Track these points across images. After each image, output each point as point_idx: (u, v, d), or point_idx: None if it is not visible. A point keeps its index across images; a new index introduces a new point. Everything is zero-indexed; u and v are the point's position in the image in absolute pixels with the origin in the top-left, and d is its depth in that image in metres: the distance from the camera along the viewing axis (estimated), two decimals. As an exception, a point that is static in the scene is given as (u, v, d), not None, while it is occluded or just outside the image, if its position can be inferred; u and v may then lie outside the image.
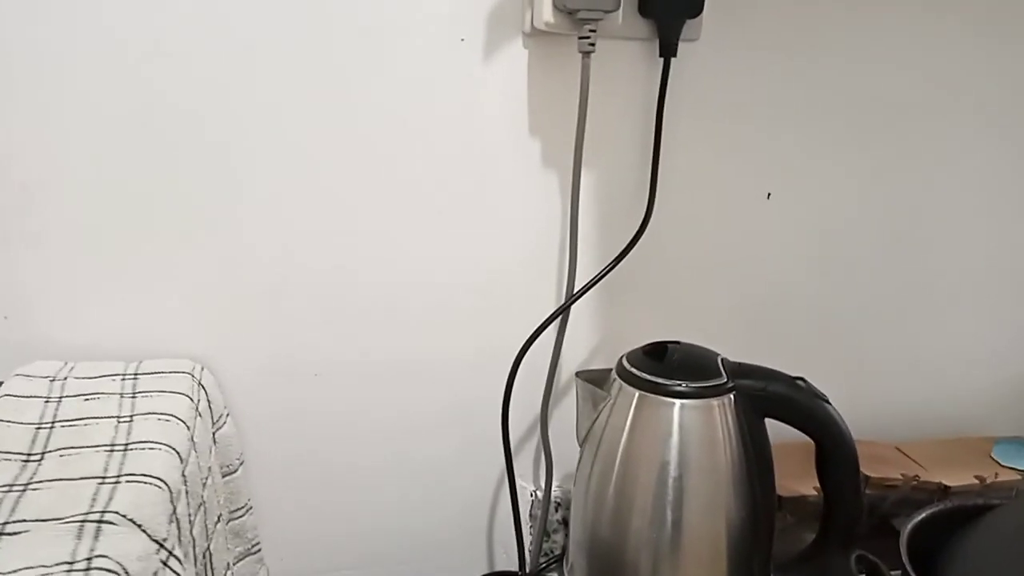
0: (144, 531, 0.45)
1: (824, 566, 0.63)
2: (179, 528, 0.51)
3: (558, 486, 0.79)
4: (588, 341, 0.76)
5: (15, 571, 0.40)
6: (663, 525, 0.62)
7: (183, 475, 0.53)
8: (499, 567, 0.82)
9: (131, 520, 0.45)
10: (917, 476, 0.74)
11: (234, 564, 0.73)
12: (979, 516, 0.66)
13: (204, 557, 0.60)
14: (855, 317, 0.82)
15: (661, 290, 0.76)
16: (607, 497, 0.64)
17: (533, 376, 0.75)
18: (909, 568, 0.60)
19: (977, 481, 0.75)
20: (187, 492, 0.54)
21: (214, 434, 0.67)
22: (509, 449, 0.74)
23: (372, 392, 0.74)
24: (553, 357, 0.74)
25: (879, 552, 0.63)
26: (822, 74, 0.74)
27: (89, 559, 0.42)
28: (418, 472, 0.78)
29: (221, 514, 0.65)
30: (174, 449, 0.53)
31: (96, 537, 0.43)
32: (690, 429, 0.62)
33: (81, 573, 0.41)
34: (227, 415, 0.69)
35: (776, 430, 0.64)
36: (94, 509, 0.45)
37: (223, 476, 0.69)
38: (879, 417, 0.84)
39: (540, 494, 0.79)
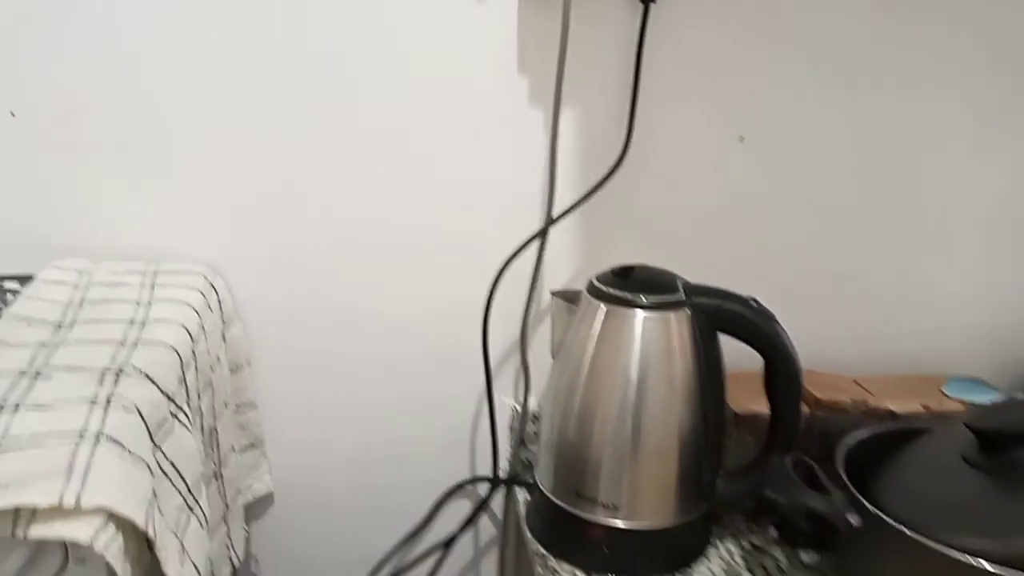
0: (156, 384, 0.53)
1: (767, 470, 0.70)
2: (187, 393, 0.58)
3: (536, 400, 0.86)
4: (566, 267, 0.83)
5: (48, 403, 0.48)
6: (624, 426, 0.69)
7: (192, 352, 0.61)
8: (480, 473, 0.89)
9: (145, 374, 0.53)
10: (865, 401, 0.80)
11: (241, 454, 0.81)
12: (913, 438, 0.72)
13: (211, 434, 0.68)
14: (823, 257, 0.87)
15: (635, 221, 0.82)
16: (575, 401, 0.71)
17: (516, 299, 0.82)
18: (843, 475, 0.66)
19: (923, 409, 0.80)
20: (196, 368, 0.62)
21: (223, 333, 0.74)
22: (488, 362, 0.82)
23: (368, 306, 0.82)
24: (532, 279, 0.81)
25: (828, 474, 0.69)
26: (797, 18, 0.78)
27: (109, 398, 0.49)
28: (407, 385, 0.85)
29: (227, 402, 0.73)
30: (185, 327, 0.61)
31: (115, 383, 0.51)
32: (650, 339, 0.68)
33: (103, 407, 0.48)
34: (236, 318, 0.77)
35: (737, 359, 0.71)
36: (114, 364, 0.53)
37: (232, 371, 0.77)
38: (842, 353, 0.89)
39: (519, 407, 0.86)
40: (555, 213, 0.78)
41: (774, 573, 0.72)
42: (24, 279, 0.67)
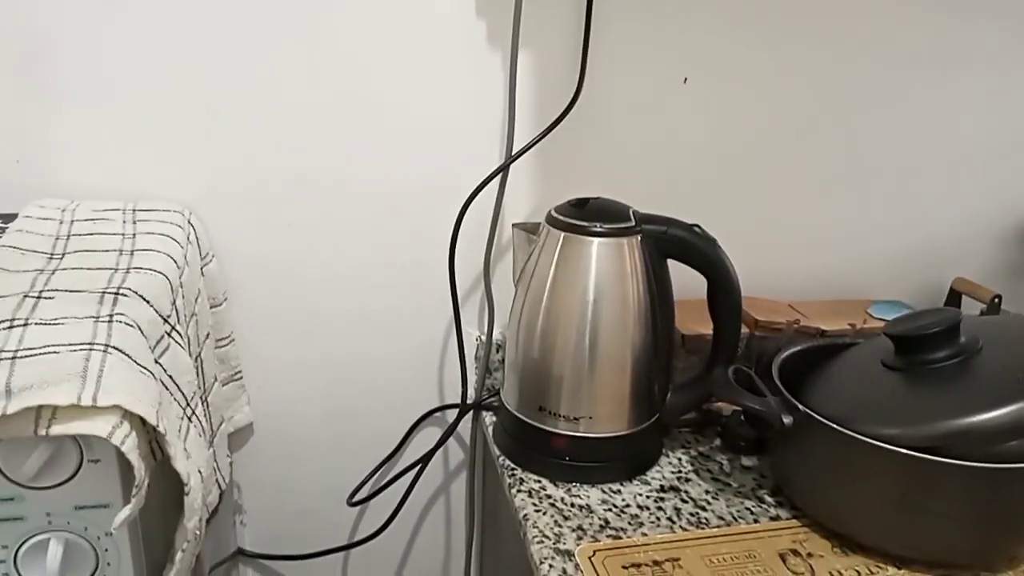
0: (151, 305, 0.57)
1: (712, 379, 0.77)
2: (178, 317, 0.62)
3: (500, 331, 0.92)
4: (526, 202, 0.88)
5: (55, 319, 0.52)
6: (582, 344, 0.75)
7: (180, 279, 0.65)
8: (448, 401, 0.95)
9: (141, 296, 0.57)
10: (798, 321, 0.88)
11: (222, 385, 0.85)
12: (840, 351, 0.80)
13: (197, 360, 0.72)
14: (759, 194, 0.94)
15: (591, 157, 0.88)
16: (537, 323, 0.77)
17: (479, 234, 0.88)
18: (778, 381, 0.74)
19: (849, 327, 0.89)
20: (183, 295, 0.66)
21: (202, 268, 0.78)
22: (455, 294, 0.87)
23: (337, 243, 0.86)
24: (495, 214, 0.86)
25: (765, 382, 0.76)
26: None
27: (111, 315, 0.53)
28: (379, 317, 0.90)
29: (209, 333, 0.77)
30: (171, 256, 0.64)
31: (115, 304, 0.55)
32: (605, 264, 0.75)
33: (106, 323, 0.52)
34: (212, 255, 0.81)
35: (681, 289, 0.78)
36: (111, 286, 0.57)
37: (211, 307, 0.80)
38: (779, 280, 0.97)
39: (484, 337, 0.92)
40: (515, 151, 0.84)
41: (718, 475, 0.80)
42: (8, 217, 0.69)
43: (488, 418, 0.89)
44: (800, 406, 0.69)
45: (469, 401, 0.92)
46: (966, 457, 0.62)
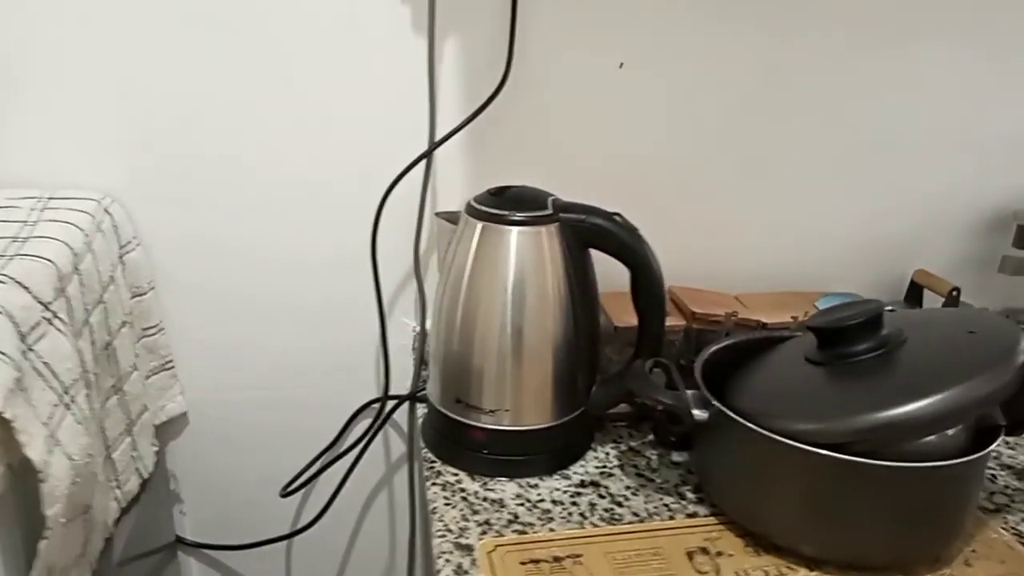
0: (29, 291, 0.57)
1: (629, 371, 0.75)
2: (69, 305, 0.62)
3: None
4: (458, 191, 0.86)
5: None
6: (500, 334, 0.74)
7: (75, 267, 0.65)
8: (392, 392, 0.94)
9: (18, 282, 0.56)
10: (736, 313, 0.85)
11: (150, 376, 0.85)
12: (773, 345, 0.77)
13: (106, 348, 0.72)
14: (702, 181, 0.91)
15: (524, 146, 0.86)
16: (456, 314, 0.75)
17: (411, 224, 0.86)
18: (698, 375, 0.72)
19: (791, 320, 0.86)
20: (81, 283, 0.65)
21: (122, 256, 0.78)
22: (378, 282, 0.86)
23: (267, 232, 0.85)
24: (421, 202, 0.85)
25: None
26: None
27: (-21, 302, 0.53)
28: (314, 307, 0.89)
29: (126, 322, 0.77)
30: (67, 243, 0.64)
31: (-12, 290, 0.55)
32: (523, 253, 0.73)
33: (-29, 310, 0.52)
34: (136, 243, 0.81)
35: (615, 278, 0.76)
36: (-10, 274, 0.57)
37: (133, 296, 0.80)
38: (732, 273, 0.94)
39: (419, 328, 0.91)
40: (440, 138, 0.82)
41: (643, 471, 0.78)
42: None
43: (421, 410, 0.88)
44: (713, 401, 0.67)
45: (392, 393, 0.91)
46: (884, 454, 0.60)
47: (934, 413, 0.58)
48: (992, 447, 0.61)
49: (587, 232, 0.74)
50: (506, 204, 0.74)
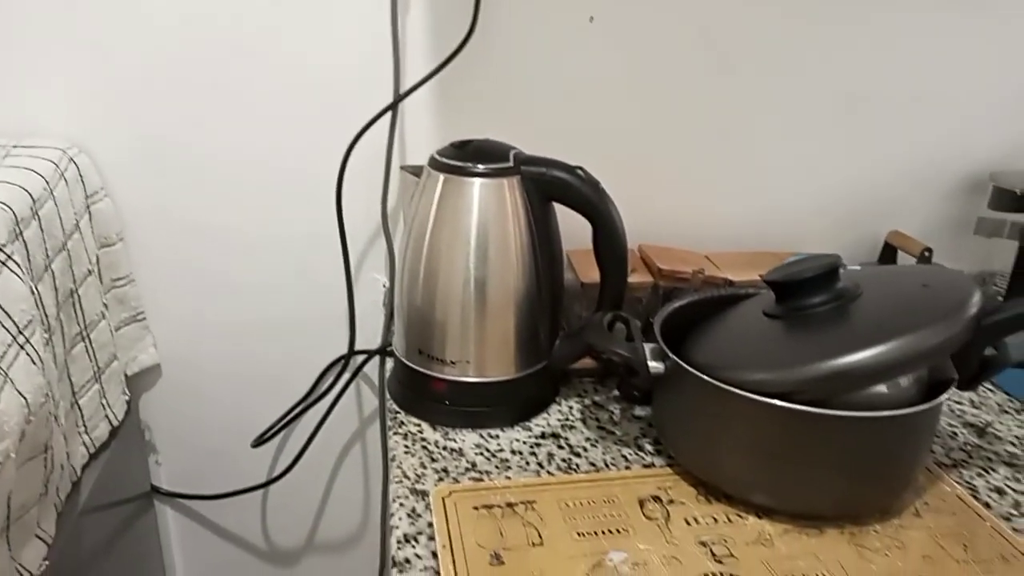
0: (-18, 233, 0.57)
1: (588, 324, 0.75)
2: (27, 249, 0.63)
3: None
4: (422, 147, 0.86)
5: None
6: (463, 286, 0.74)
7: (34, 212, 0.65)
8: (357, 346, 0.95)
9: (-29, 224, 0.57)
10: (703, 270, 0.85)
11: (121, 327, 0.86)
12: (736, 302, 0.78)
13: (71, 295, 0.73)
14: (673, 140, 0.91)
15: (493, 100, 0.86)
16: (420, 267, 0.76)
17: (378, 177, 0.86)
18: (657, 329, 0.72)
19: (759, 278, 0.85)
20: (42, 229, 0.66)
21: (89, 206, 0.78)
22: (344, 237, 0.86)
23: (237, 186, 0.86)
24: (387, 156, 0.85)
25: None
26: None
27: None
28: (282, 259, 0.90)
29: (92, 271, 0.78)
30: (25, 189, 0.65)
31: (-60, 231, 0.55)
32: (485, 206, 0.73)
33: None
34: (104, 194, 0.81)
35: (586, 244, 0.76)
36: (-57, 215, 0.57)
37: (101, 247, 0.81)
38: (704, 231, 0.94)
39: (388, 283, 0.91)
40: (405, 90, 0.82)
41: (605, 424, 0.78)
42: None
43: (391, 365, 0.89)
44: (669, 354, 0.68)
45: (364, 348, 0.92)
46: (834, 404, 0.60)
47: (882, 362, 0.59)
48: (941, 399, 0.61)
49: (549, 185, 0.74)
50: (469, 156, 0.74)
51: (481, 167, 0.72)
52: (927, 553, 0.61)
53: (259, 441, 0.89)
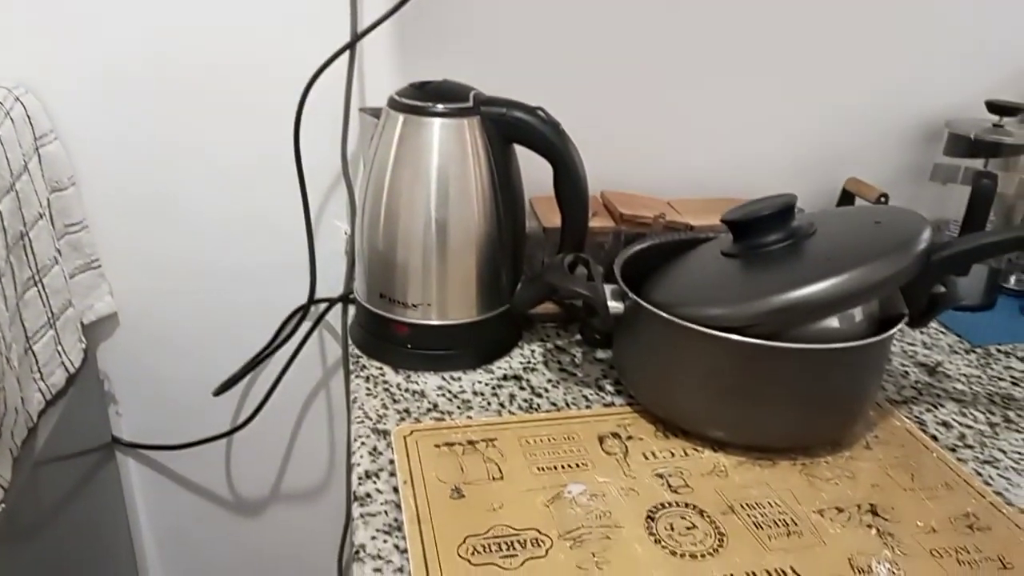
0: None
1: (548, 265, 0.75)
2: (-28, 187, 0.61)
3: (366, 224, 0.90)
4: (382, 89, 0.84)
5: None
6: (423, 228, 0.74)
7: (-22, 150, 0.63)
8: (320, 295, 0.94)
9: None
10: (664, 215, 0.86)
11: (75, 274, 0.84)
12: (696, 245, 0.78)
13: (21, 239, 0.71)
14: (637, 86, 0.91)
15: (458, 42, 0.85)
16: (380, 210, 0.75)
17: (337, 121, 0.85)
18: (617, 271, 0.72)
19: (719, 223, 0.86)
20: (-13, 167, 0.64)
21: (38, 148, 0.76)
22: (303, 183, 0.85)
23: (192, 131, 0.84)
24: (346, 99, 0.84)
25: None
26: None
27: None
28: (240, 206, 0.89)
29: (43, 214, 0.76)
30: (-33, 126, 0.63)
31: None
32: (445, 146, 0.72)
33: None
34: (54, 136, 0.79)
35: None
36: None
37: (53, 191, 0.79)
38: (664, 179, 0.94)
39: (350, 230, 0.90)
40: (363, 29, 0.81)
41: (567, 366, 0.79)
42: None
43: (352, 312, 0.88)
44: (629, 293, 0.68)
45: (326, 296, 0.91)
46: (787, 338, 0.61)
47: (833, 294, 0.60)
48: (890, 333, 0.63)
49: (509, 126, 0.73)
50: (428, 97, 0.73)
51: (441, 107, 0.72)
52: (875, 482, 0.63)
53: (220, 389, 0.88)
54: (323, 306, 0.93)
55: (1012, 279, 1.01)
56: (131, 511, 1.01)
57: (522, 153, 0.76)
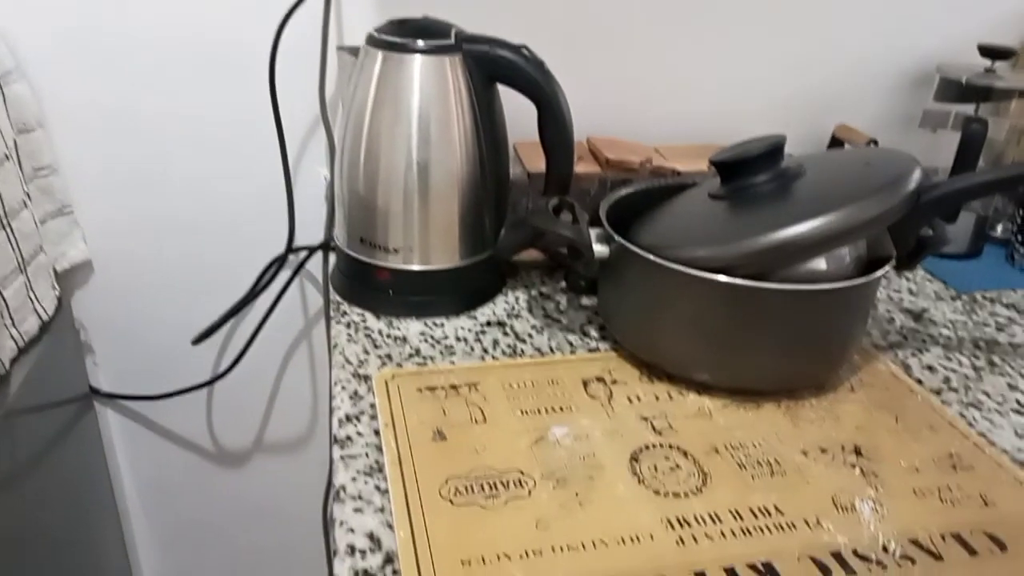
0: None
1: (533, 208, 0.74)
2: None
3: (347, 169, 0.88)
4: (361, 28, 0.82)
5: None
6: (403, 169, 0.72)
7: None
8: (300, 243, 0.92)
9: None
10: (651, 160, 0.84)
11: (47, 220, 0.82)
12: (683, 190, 0.77)
13: (-14, 180, 0.69)
14: (620, 28, 0.88)
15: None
16: (359, 151, 0.73)
17: (314, 61, 0.82)
18: (603, 214, 0.71)
19: (707, 168, 0.85)
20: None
21: (2, 87, 0.73)
22: (280, 127, 0.82)
23: (165, 77, 0.81)
24: (323, 38, 0.81)
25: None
26: None
27: None
28: (217, 156, 0.86)
29: (9, 155, 0.73)
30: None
31: None
32: (426, 84, 0.70)
33: None
34: (19, 75, 0.76)
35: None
36: None
37: (19, 131, 0.76)
38: (645, 126, 0.92)
39: (329, 176, 0.88)
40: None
41: (552, 313, 0.78)
42: None
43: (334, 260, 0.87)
44: (614, 236, 0.67)
45: (303, 244, 0.89)
46: (774, 278, 0.60)
47: (821, 233, 0.59)
48: (877, 274, 0.62)
49: (492, 64, 0.71)
50: (408, 33, 0.70)
51: (422, 44, 0.69)
52: (860, 424, 0.63)
53: (200, 338, 0.87)
54: (303, 254, 0.91)
55: (999, 228, 1.01)
56: (112, 463, 1.00)
57: (506, 98, 0.74)
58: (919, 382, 0.69)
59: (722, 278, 0.60)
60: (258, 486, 1.06)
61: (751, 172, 0.66)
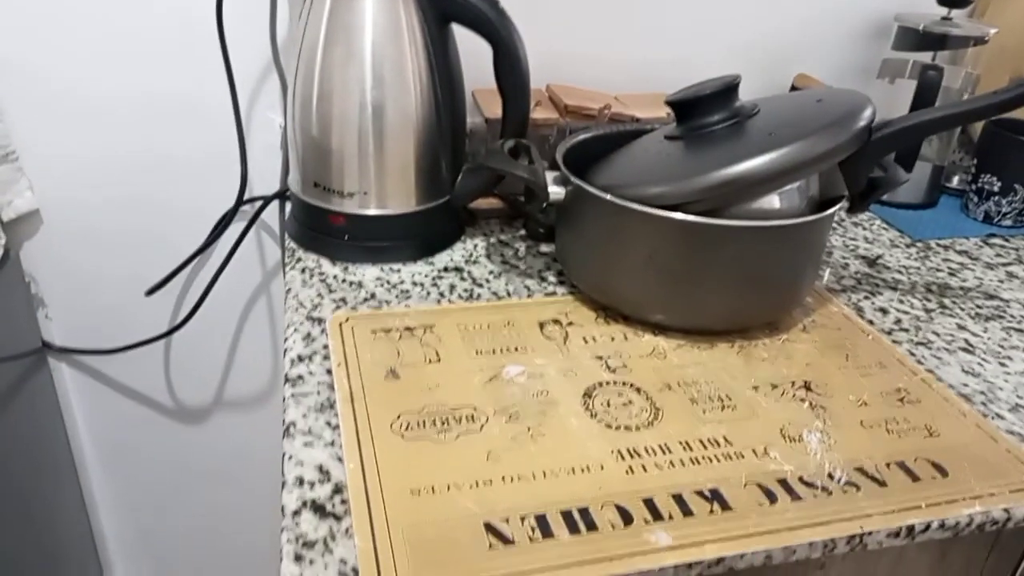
0: None
1: (488, 149, 0.73)
2: None
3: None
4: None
5: None
6: (362, 110, 0.70)
7: None
8: (256, 193, 0.91)
9: None
10: (609, 107, 0.83)
11: (-10, 167, 0.80)
12: (640, 135, 0.77)
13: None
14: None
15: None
16: (311, 93, 0.71)
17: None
18: (560, 157, 0.70)
19: (665, 115, 0.85)
20: None
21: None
22: (231, 72, 0.80)
23: (109, 9, 0.78)
24: (275, -22, 0.79)
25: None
26: None
27: None
28: (166, 103, 0.84)
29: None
30: None
31: None
32: (378, 22, 0.68)
33: None
34: (-46, 13, 0.73)
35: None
36: None
37: (-43, 73, 0.74)
38: (606, 75, 0.91)
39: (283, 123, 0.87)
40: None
41: (510, 259, 0.78)
42: None
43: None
44: (571, 177, 0.67)
45: (258, 193, 0.88)
46: (728, 215, 0.60)
47: (773, 168, 0.59)
48: (829, 212, 0.63)
49: (445, 2, 0.70)
50: (360, -31, 0.69)
51: (372, -19, 0.68)
52: (810, 361, 0.64)
53: (153, 289, 0.85)
54: (259, 204, 0.89)
55: (955, 179, 1.02)
56: (68, 420, 0.98)
57: (464, 44, 0.72)
58: (871, 323, 0.70)
59: (676, 215, 0.60)
60: (218, 442, 1.05)
61: (706, 112, 0.66)
